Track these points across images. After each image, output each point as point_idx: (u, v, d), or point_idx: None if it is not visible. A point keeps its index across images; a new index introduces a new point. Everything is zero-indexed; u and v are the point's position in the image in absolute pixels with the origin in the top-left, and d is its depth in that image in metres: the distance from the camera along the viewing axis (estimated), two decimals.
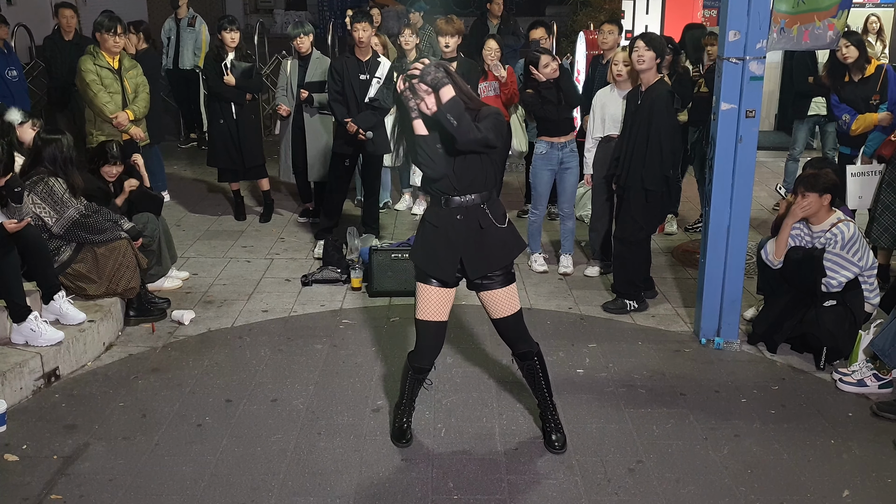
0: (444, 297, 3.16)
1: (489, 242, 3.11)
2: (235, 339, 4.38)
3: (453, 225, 3.07)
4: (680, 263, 5.68)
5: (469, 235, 3.08)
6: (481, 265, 3.12)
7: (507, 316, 3.22)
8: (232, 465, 3.19)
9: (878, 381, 3.82)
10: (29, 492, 3.01)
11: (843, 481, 3.13)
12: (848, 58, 5.45)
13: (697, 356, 4.23)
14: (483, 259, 3.12)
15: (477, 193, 3.07)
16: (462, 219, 3.07)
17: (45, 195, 4.20)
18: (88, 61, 5.55)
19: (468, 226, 3.07)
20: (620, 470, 3.19)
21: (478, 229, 3.08)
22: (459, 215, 3.07)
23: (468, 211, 3.07)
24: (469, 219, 3.07)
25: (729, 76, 4.01)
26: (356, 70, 5.52)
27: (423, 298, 3.17)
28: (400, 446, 3.33)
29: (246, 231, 6.30)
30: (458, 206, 3.06)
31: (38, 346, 3.83)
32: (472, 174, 3.03)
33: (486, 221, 3.09)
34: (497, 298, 3.19)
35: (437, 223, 3.10)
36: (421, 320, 3.19)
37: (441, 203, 3.08)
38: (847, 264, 4.00)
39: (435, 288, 3.14)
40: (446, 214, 3.08)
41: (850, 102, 5.52)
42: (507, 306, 3.20)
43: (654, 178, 4.59)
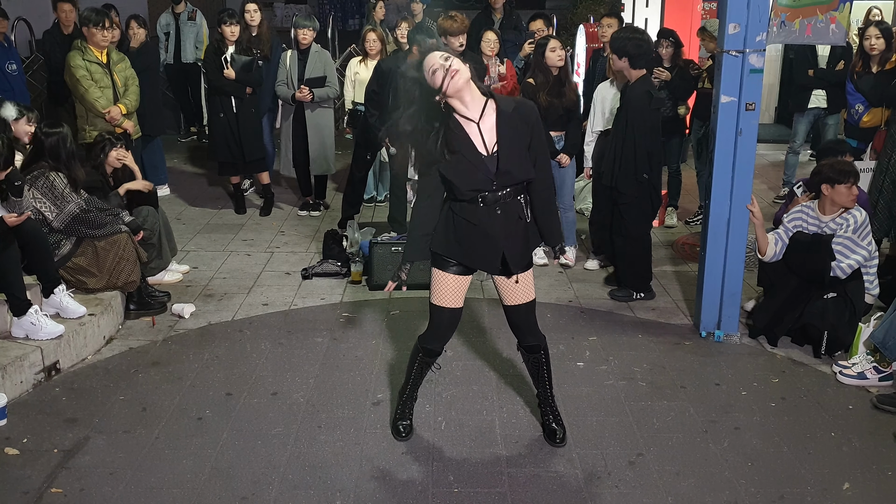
0: (461, 285, 3.09)
1: (526, 234, 3.05)
2: (236, 332, 4.39)
3: (493, 220, 2.95)
4: (680, 256, 5.68)
5: (509, 229, 2.99)
6: (523, 256, 3.07)
7: (521, 304, 3.14)
8: (232, 459, 3.20)
9: (878, 374, 3.82)
10: (29, 485, 3.01)
11: (844, 474, 3.14)
12: (874, 49, 5.41)
13: (698, 349, 4.23)
14: (524, 250, 3.07)
15: (514, 186, 2.96)
16: (501, 213, 2.96)
17: (45, 190, 4.19)
18: (77, 57, 5.53)
19: (507, 219, 2.97)
20: (621, 463, 3.20)
21: (518, 220, 3.00)
22: (499, 210, 2.95)
23: (507, 205, 2.96)
24: (508, 213, 2.97)
25: (729, 69, 4.00)
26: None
27: (441, 285, 3.07)
28: (399, 439, 3.32)
29: (246, 224, 6.30)
30: (496, 202, 2.94)
31: (38, 339, 3.83)
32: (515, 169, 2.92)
33: (524, 213, 3.01)
34: (520, 283, 3.10)
35: (474, 220, 2.95)
36: (436, 305, 3.11)
37: (478, 201, 2.94)
38: (857, 248, 4.01)
39: (452, 275, 3.06)
40: (484, 212, 2.94)
41: (865, 93, 5.48)
42: (523, 293, 3.13)
43: (626, 179, 4.60)
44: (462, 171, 2.89)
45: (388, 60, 5.66)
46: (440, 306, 3.11)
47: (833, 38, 4.13)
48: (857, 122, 5.55)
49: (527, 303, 3.16)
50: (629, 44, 4.46)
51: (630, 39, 4.49)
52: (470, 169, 2.89)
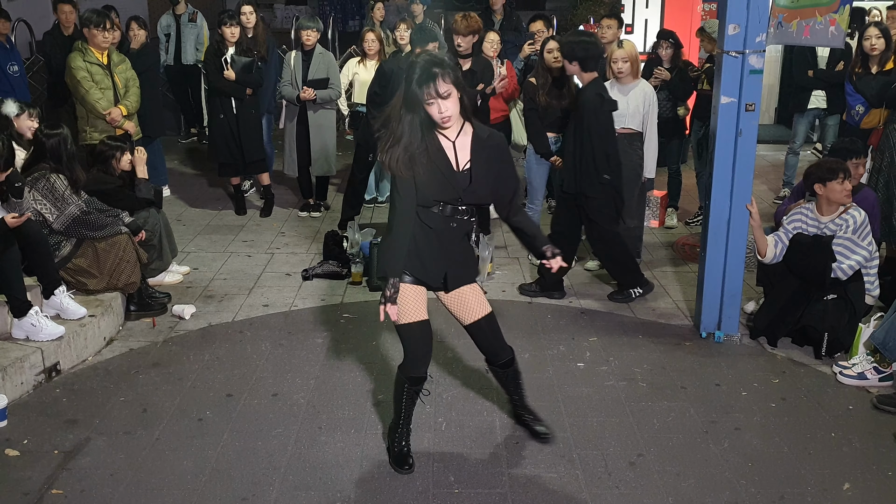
0: (419, 294, 3.02)
1: (467, 253, 3.12)
2: (236, 333, 4.39)
3: (448, 230, 2.98)
4: (680, 257, 5.68)
5: (457, 245, 3.03)
6: (461, 277, 3.08)
7: (480, 318, 3.09)
8: (233, 460, 3.20)
9: (878, 374, 3.82)
10: (30, 486, 3.01)
11: (844, 474, 3.14)
12: (875, 49, 5.42)
13: (698, 349, 4.23)
14: (463, 271, 3.09)
15: (474, 206, 3.02)
16: (455, 227, 2.99)
17: (46, 192, 4.20)
18: (78, 58, 5.53)
19: (458, 234, 3.02)
20: (621, 463, 3.20)
21: (466, 240, 3.07)
22: (453, 223, 2.98)
23: (461, 222, 3.00)
24: (460, 229, 3.01)
25: (728, 70, 4.00)
26: None
27: (402, 301, 2.95)
28: (402, 472, 3.12)
29: (246, 226, 6.30)
30: (452, 215, 2.97)
31: (38, 340, 3.84)
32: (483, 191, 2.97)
33: (472, 233, 3.09)
34: (468, 296, 3.08)
35: (431, 224, 2.96)
36: (403, 325, 2.98)
37: (438, 208, 2.95)
38: (857, 248, 4.01)
39: (409, 285, 2.98)
40: (441, 220, 2.96)
41: (865, 94, 5.49)
42: (480, 304, 3.10)
43: (590, 183, 4.61)
44: (433, 183, 2.90)
45: (390, 62, 5.67)
46: (407, 324, 2.99)
47: (832, 40, 4.12)
48: (858, 123, 5.55)
49: (485, 316, 3.11)
50: (577, 47, 4.49)
51: (578, 43, 4.51)
52: (441, 181, 2.91)
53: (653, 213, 6.40)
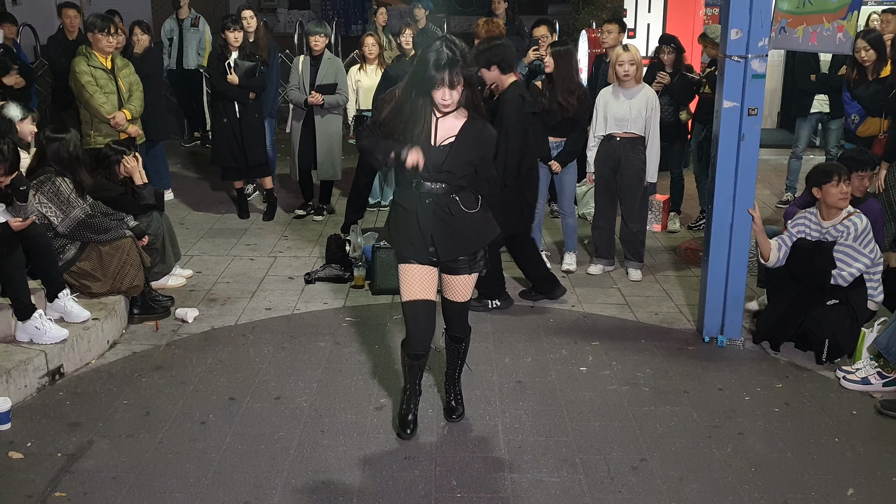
0: (425, 275, 3.18)
1: (460, 227, 3.15)
2: (239, 336, 4.39)
3: (422, 207, 3.10)
4: (683, 261, 5.68)
5: (438, 219, 3.12)
6: (454, 247, 3.17)
7: (458, 302, 3.30)
8: (235, 463, 3.20)
9: (882, 379, 3.81)
10: (33, 489, 3.01)
11: (848, 479, 3.13)
12: (866, 61, 5.45)
13: (701, 354, 4.23)
14: (455, 242, 3.17)
15: (448, 184, 3.08)
16: (430, 203, 3.09)
17: (51, 195, 4.21)
18: (82, 62, 5.54)
19: (437, 211, 3.10)
20: (624, 468, 3.20)
21: (448, 215, 3.12)
22: (428, 199, 3.09)
23: (438, 197, 3.09)
24: (438, 205, 3.10)
25: (731, 74, 4.01)
26: None
27: (405, 278, 3.19)
28: (403, 437, 3.34)
29: (249, 229, 6.31)
30: (428, 192, 3.09)
31: (42, 343, 3.84)
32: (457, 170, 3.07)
33: (455, 209, 3.12)
34: (457, 283, 3.25)
35: (406, 205, 3.13)
36: (407, 301, 3.20)
37: (412, 186, 3.10)
38: (858, 255, 4.00)
39: (415, 265, 3.17)
40: (415, 197, 3.11)
41: (861, 102, 5.51)
42: (462, 292, 3.28)
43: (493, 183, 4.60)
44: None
45: (395, 67, 5.69)
46: (411, 300, 3.20)
47: (839, 46, 4.11)
48: (854, 130, 5.58)
49: (461, 302, 3.31)
50: (490, 53, 4.46)
51: (491, 49, 4.49)
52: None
53: (655, 218, 6.40)
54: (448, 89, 2.91)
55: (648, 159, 5.12)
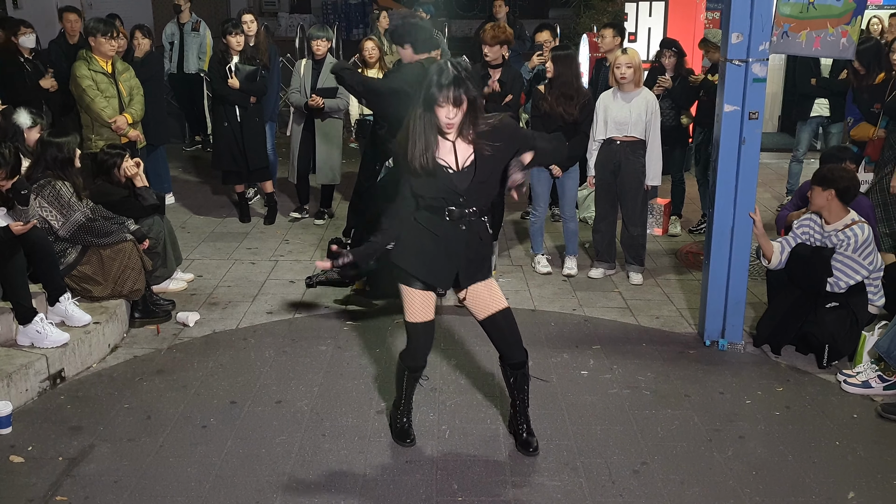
0: (428, 299, 3.14)
1: (482, 252, 3.13)
2: (240, 340, 4.39)
3: (456, 235, 3.01)
4: (684, 265, 5.68)
5: (469, 246, 3.06)
6: (476, 274, 3.12)
7: (496, 312, 3.12)
8: (237, 467, 3.20)
9: (882, 383, 3.81)
10: (34, 493, 3.01)
11: (849, 483, 3.13)
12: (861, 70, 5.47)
13: (702, 358, 4.23)
14: (478, 266, 3.13)
15: (478, 207, 3.03)
16: (466, 230, 3.02)
17: (51, 199, 4.22)
18: (83, 66, 5.55)
19: (469, 237, 3.04)
20: (625, 471, 3.19)
21: (478, 241, 3.07)
22: (463, 226, 3.01)
23: (472, 224, 3.03)
24: (471, 231, 3.04)
25: (732, 78, 4.01)
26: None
27: (410, 302, 3.12)
28: (404, 446, 3.33)
29: (250, 233, 6.32)
30: (461, 218, 3.00)
31: (43, 347, 3.84)
32: (485, 191, 3.02)
33: (485, 234, 3.10)
34: (484, 290, 3.13)
35: (436, 231, 3.02)
36: (411, 322, 3.16)
37: (444, 213, 2.99)
38: (857, 267, 4.00)
39: (419, 291, 3.10)
40: (449, 225, 3.00)
41: (860, 107, 5.56)
42: (495, 297, 3.14)
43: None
44: (434, 183, 2.95)
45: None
46: (413, 322, 3.15)
47: (843, 52, 4.11)
48: (848, 132, 5.64)
49: (501, 310, 3.13)
50: (403, 30, 4.53)
51: (404, 26, 4.56)
52: (443, 181, 2.95)
53: (656, 221, 6.40)
54: (452, 107, 2.83)
55: (648, 163, 5.12)
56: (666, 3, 7.63)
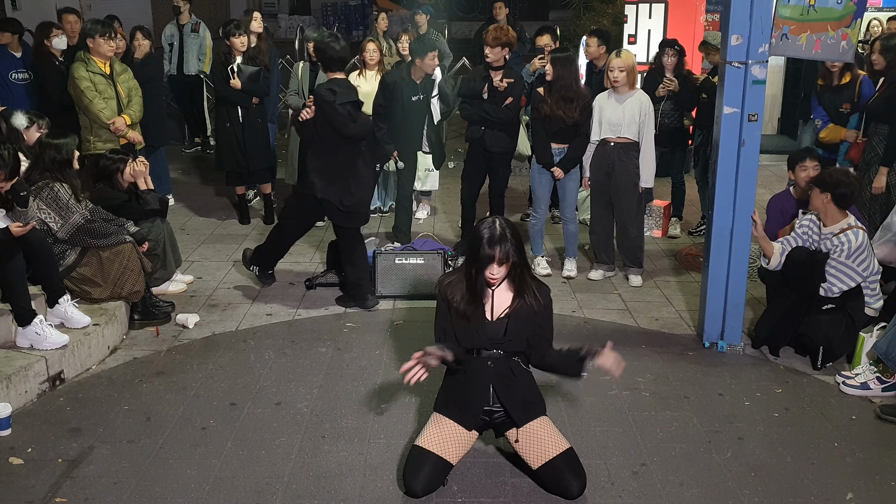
0: (458, 436, 3.06)
1: (521, 387, 3.11)
2: (240, 342, 4.40)
3: (484, 372, 3.07)
4: (683, 267, 5.68)
5: (500, 378, 3.07)
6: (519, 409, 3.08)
7: (555, 457, 2.99)
8: (236, 469, 3.20)
9: (881, 385, 3.82)
10: (34, 495, 3.01)
11: (847, 484, 3.13)
12: (835, 66, 5.48)
13: (701, 359, 4.23)
14: (512, 406, 3.08)
15: (506, 352, 3.08)
16: (492, 366, 3.07)
17: (50, 201, 4.22)
18: (81, 68, 5.55)
19: (498, 372, 3.07)
20: (624, 473, 3.20)
21: (509, 375, 3.09)
22: (490, 363, 3.07)
23: (499, 361, 3.08)
24: (500, 368, 3.08)
25: (731, 80, 4.02)
26: (410, 91, 5.60)
27: (434, 427, 3.07)
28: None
29: (250, 235, 6.32)
30: (488, 357, 3.07)
31: (43, 349, 3.84)
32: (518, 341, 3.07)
33: (517, 369, 3.11)
34: (534, 434, 3.05)
35: (465, 368, 3.09)
36: (419, 447, 3.02)
37: (472, 352, 3.08)
38: (851, 273, 4.00)
39: (452, 422, 3.08)
40: (476, 363, 3.07)
41: (826, 108, 5.58)
42: (549, 444, 3.02)
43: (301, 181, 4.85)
44: (467, 332, 3.04)
45: (392, 73, 5.70)
46: (424, 448, 3.01)
47: (843, 54, 4.12)
48: (816, 135, 5.64)
49: (562, 453, 3.02)
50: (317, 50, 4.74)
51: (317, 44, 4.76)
52: (471, 332, 3.03)
53: (656, 223, 6.41)
54: (496, 265, 2.89)
55: (642, 165, 5.09)
56: (666, 5, 7.65)
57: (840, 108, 5.50)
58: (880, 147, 5.12)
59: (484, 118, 5.41)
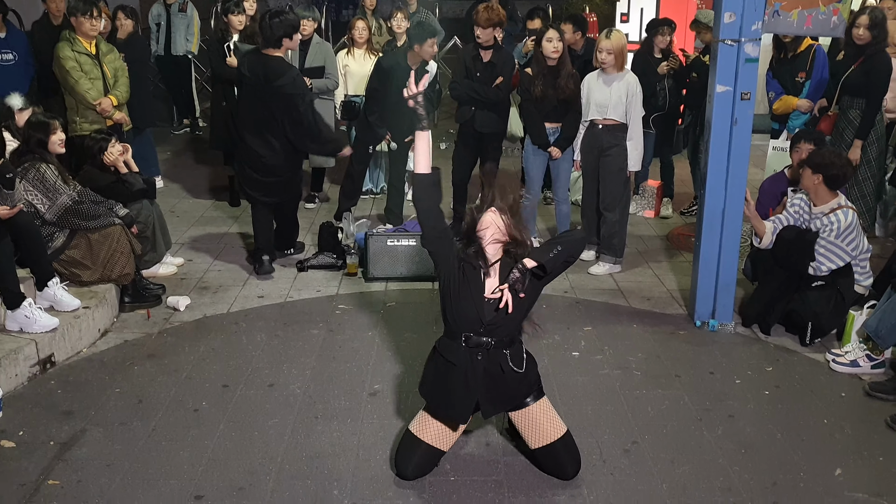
0: (447, 429, 3.01)
1: (510, 384, 2.96)
2: (231, 324, 4.38)
3: (472, 365, 2.90)
4: (675, 246, 5.69)
5: (488, 377, 2.91)
6: (497, 406, 3.00)
7: (554, 441, 2.97)
8: (229, 450, 3.20)
9: (870, 362, 3.85)
10: (26, 477, 3.01)
11: (836, 460, 3.16)
12: (787, 37, 5.48)
13: (692, 338, 4.25)
14: (501, 400, 2.98)
15: (500, 338, 2.90)
16: (482, 360, 2.90)
17: (36, 182, 4.18)
18: (66, 48, 5.47)
19: (487, 367, 2.90)
20: (616, 451, 3.22)
21: (499, 373, 2.91)
22: (479, 355, 2.90)
23: (489, 354, 2.90)
24: (490, 361, 2.91)
25: (724, 58, 4.00)
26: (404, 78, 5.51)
27: (426, 419, 3.01)
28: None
29: (241, 217, 6.28)
30: (477, 346, 2.89)
31: (32, 332, 3.82)
32: (508, 324, 2.88)
33: (507, 366, 2.92)
34: (533, 418, 2.99)
35: (454, 360, 2.91)
36: (412, 434, 2.99)
37: (461, 339, 2.90)
38: (840, 252, 4.01)
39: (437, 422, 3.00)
40: (464, 353, 2.90)
41: (781, 79, 5.57)
42: (548, 428, 2.98)
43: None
44: (460, 303, 2.88)
45: (388, 58, 5.65)
46: (417, 438, 2.98)
47: (833, 30, 4.10)
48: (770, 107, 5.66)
49: (560, 437, 2.98)
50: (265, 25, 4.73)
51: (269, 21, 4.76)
52: (467, 304, 2.87)
53: (648, 204, 6.41)
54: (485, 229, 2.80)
55: (630, 148, 5.01)
56: None
57: (796, 77, 5.51)
58: (858, 120, 5.14)
59: (474, 99, 5.38)
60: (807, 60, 5.49)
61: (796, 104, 5.47)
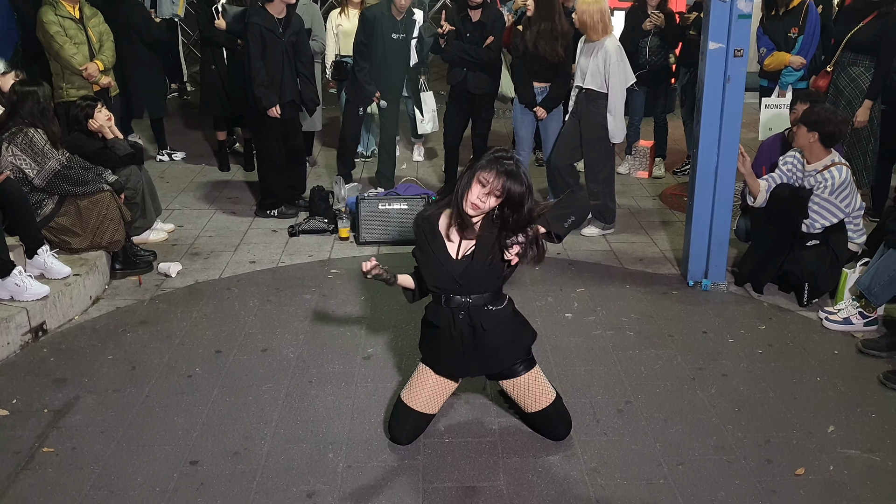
0: (441, 388, 3.00)
1: (494, 343, 2.93)
2: (223, 290, 4.36)
3: (455, 323, 2.88)
4: (668, 206, 5.67)
5: (471, 334, 2.90)
6: (485, 365, 2.99)
7: (546, 407, 3.00)
8: (224, 415, 3.21)
9: (863, 319, 3.86)
10: (21, 445, 3.01)
11: (829, 417, 3.19)
12: None
13: (685, 298, 4.25)
14: (490, 357, 2.96)
15: (480, 294, 2.87)
16: (464, 317, 2.88)
17: (24, 146, 4.11)
18: (49, 12, 5.35)
19: (471, 325, 2.88)
20: (609, 410, 3.23)
21: (482, 331, 2.89)
22: (461, 314, 2.88)
23: (471, 311, 2.87)
24: (474, 319, 2.87)
25: (717, 15, 3.94)
26: (390, 28, 5.42)
27: (419, 382, 2.99)
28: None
29: (231, 182, 6.23)
30: (458, 306, 2.87)
31: (23, 300, 3.80)
32: (482, 279, 2.84)
33: (488, 323, 2.88)
34: (525, 387, 2.99)
35: (439, 323, 2.91)
36: (403, 403, 2.99)
37: (441, 301, 2.90)
38: (833, 209, 4.00)
39: (435, 375, 2.99)
40: (447, 314, 2.89)
41: (772, 35, 5.50)
42: (540, 395, 3.00)
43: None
44: (430, 268, 2.86)
45: (372, 8, 5.54)
46: (408, 406, 2.98)
47: None
48: (761, 64, 5.58)
49: (552, 402, 3.00)
50: None
51: None
52: (437, 268, 2.84)
53: (641, 164, 6.37)
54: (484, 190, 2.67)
55: (609, 119, 4.78)
56: None
57: (788, 32, 5.43)
58: (861, 79, 5.06)
59: (465, 59, 5.29)
60: (799, 16, 5.41)
61: (788, 60, 5.40)
